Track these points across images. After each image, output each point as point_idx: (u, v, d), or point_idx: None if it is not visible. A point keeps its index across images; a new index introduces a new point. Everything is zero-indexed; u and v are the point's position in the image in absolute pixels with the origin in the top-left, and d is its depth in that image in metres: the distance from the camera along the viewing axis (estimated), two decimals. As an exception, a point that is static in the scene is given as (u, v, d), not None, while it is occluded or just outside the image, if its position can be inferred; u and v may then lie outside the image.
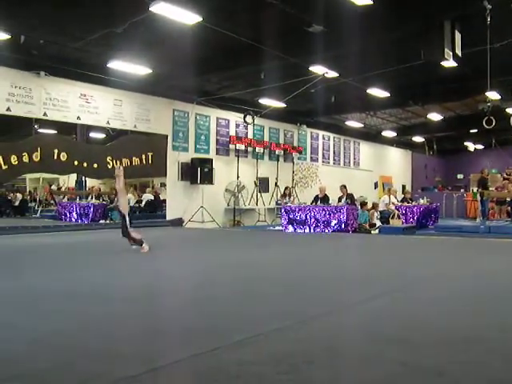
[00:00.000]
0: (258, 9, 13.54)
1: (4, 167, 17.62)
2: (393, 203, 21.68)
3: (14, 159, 17.80)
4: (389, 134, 33.90)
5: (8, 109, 16.86)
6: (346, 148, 33.32)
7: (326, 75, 18.65)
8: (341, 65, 18.08)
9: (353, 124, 30.42)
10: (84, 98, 18.83)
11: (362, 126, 31.30)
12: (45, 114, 17.87)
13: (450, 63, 15.39)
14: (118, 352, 4.55)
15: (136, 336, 5.06)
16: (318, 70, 18.27)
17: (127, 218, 12.04)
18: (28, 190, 33.01)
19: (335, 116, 29.48)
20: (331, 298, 7.01)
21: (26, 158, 18.07)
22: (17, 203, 27.82)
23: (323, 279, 8.66)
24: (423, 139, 37.87)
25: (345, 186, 20.71)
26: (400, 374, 4.09)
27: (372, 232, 19.30)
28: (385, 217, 20.94)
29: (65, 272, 9.46)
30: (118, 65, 17.39)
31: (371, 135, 34.33)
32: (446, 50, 14.27)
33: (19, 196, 28.44)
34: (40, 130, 23.72)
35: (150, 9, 12.53)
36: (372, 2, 12.28)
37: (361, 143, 34.51)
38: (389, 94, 22.14)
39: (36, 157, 18.25)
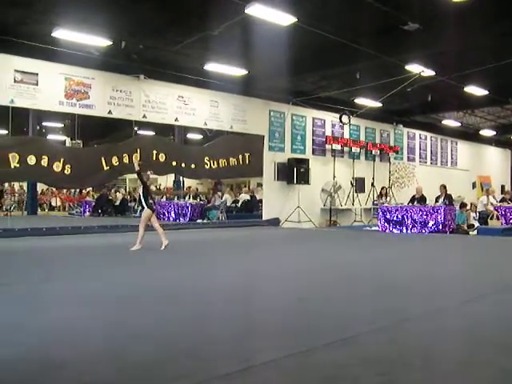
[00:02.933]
0: (353, 8, 13.44)
1: (106, 168, 18.17)
2: (491, 203, 21.08)
3: (115, 160, 18.31)
4: (487, 132, 32.95)
5: (109, 112, 17.37)
6: (444, 147, 32.65)
7: (422, 74, 18.34)
8: (437, 63, 17.74)
9: (450, 123, 29.71)
10: (181, 100, 19.17)
11: (460, 124, 30.56)
12: (144, 116, 18.30)
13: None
14: (213, 350, 4.63)
15: (231, 335, 5.13)
16: (414, 68, 17.98)
17: None
18: (128, 190, 33.90)
19: (432, 115, 28.93)
20: (431, 299, 6.92)
21: (126, 159, 18.54)
22: (117, 203, 28.57)
23: (423, 280, 8.56)
24: (523, 138, 36.73)
25: (444, 186, 20.24)
26: (500, 381, 4.01)
27: (470, 233, 18.85)
28: (483, 217, 20.41)
29: (165, 270, 9.67)
30: (215, 67, 17.64)
31: (469, 134, 33.48)
32: (549, 44, 13.78)
33: (119, 196, 29.19)
34: (139, 132, 24.36)
35: (245, 11, 12.65)
36: (469, -3, 12.00)
37: (458, 142, 33.73)
38: (487, 92, 21.54)
39: (136, 158, 18.68)
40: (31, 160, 16.38)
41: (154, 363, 4.25)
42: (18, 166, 16.10)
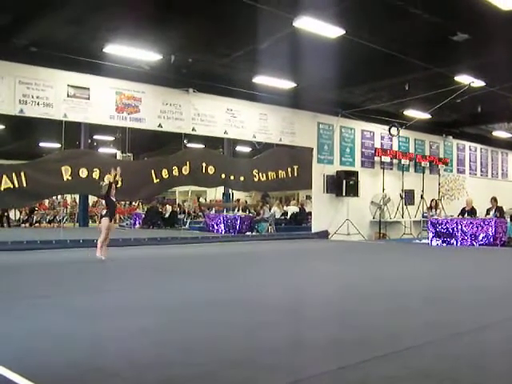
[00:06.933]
0: (401, 19, 13.38)
1: (156, 181, 18.35)
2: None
3: (164, 173, 18.49)
4: (538, 144, 32.41)
5: (159, 125, 17.61)
6: (494, 159, 32.20)
7: (471, 85, 18.16)
8: (487, 73, 17.54)
9: (500, 134, 29.28)
10: (230, 113, 19.32)
11: (510, 136, 30.09)
12: (193, 129, 18.50)
13: None
14: (263, 362, 4.64)
15: (282, 347, 5.15)
16: (463, 79, 17.84)
17: None
18: (177, 203, 34.16)
19: (482, 126, 28.57)
20: (483, 313, 6.84)
21: (175, 172, 18.71)
22: (167, 215, 28.80)
23: (475, 293, 8.47)
24: None
25: (495, 199, 19.98)
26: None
27: (521, 246, 18.55)
28: (534, 230, 20.06)
29: (215, 281, 9.73)
30: (263, 79, 17.75)
31: (520, 146, 33.00)
32: None
33: (169, 208, 29.42)
34: (189, 145, 24.55)
35: (293, 24, 12.69)
36: (519, 6, 11.83)
37: (509, 154, 33.25)
38: (538, 103, 21.27)
39: (185, 170, 18.87)
40: (83, 173, 16.65)
41: (204, 374, 4.29)
42: (70, 178, 16.39)
